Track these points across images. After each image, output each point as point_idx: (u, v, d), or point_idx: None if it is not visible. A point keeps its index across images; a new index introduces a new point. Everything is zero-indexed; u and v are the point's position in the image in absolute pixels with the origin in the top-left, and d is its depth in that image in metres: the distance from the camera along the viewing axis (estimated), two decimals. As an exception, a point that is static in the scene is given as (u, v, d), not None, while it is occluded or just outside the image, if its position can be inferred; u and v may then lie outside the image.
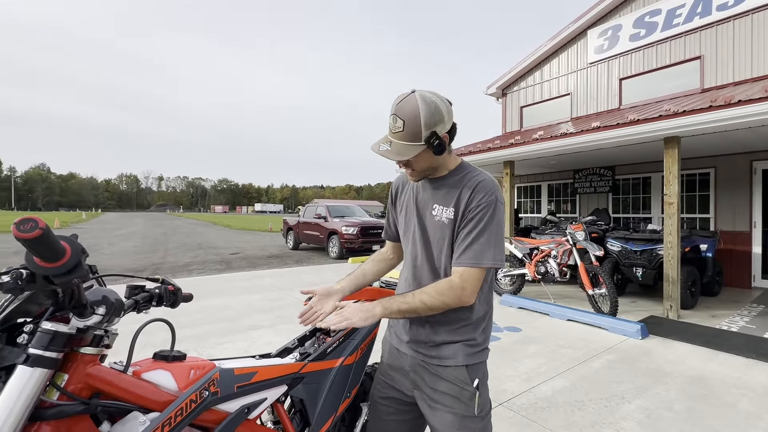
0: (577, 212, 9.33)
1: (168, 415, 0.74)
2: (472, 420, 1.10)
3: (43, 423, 0.67)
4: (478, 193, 1.10)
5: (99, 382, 0.74)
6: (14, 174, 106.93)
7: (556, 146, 5.83)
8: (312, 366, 1.18)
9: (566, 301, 5.45)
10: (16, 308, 0.69)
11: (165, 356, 0.88)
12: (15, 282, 0.65)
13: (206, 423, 0.87)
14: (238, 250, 12.59)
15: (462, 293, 1.06)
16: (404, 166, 1.14)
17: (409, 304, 1.06)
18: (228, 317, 4.67)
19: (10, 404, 0.62)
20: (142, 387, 0.78)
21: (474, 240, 1.07)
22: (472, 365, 1.13)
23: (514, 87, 10.76)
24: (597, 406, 2.62)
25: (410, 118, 1.04)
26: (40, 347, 0.66)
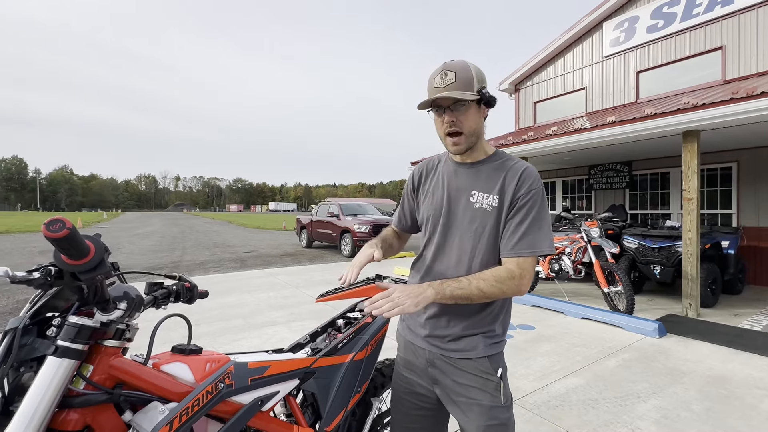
0: (592, 209, 9.17)
1: (185, 405, 0.77)
2: (500, 410, 1.08)
3: (71, 410, 0.72)
4: (527, 180, 1.08)
5: (121, 373, 0.78)
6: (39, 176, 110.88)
7: (570, 142, 5.73)
8: (323, 361, 1.20)
9: (581, 299, 5.38)
10: (46, 303, 0.74)
11: (182, 350, 0.92)
12: (45, 278, 0.70)
13: (222, 414, 0.91)
14: (252, 248, 12.79)
15: (521, 282, 1.03)
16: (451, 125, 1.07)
17: (464, 290, 1.00)
18: (243, 314, 4.77)
19: (42, 392, 0.67)
20: (161, 378, 0.83)
21: (529, 228, 1.05)
22: (493, 356, 1.11)
23: (527, 82, 10.62)
24: (611, 405, 2.59)
25: (462, 69, 1.04)
26: (68, 339, 0.71)
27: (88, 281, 0.71)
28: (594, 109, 8.99)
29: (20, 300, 5.60)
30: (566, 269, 5.30)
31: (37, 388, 0.67)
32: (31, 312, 0.72)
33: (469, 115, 1.06)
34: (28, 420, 0.66)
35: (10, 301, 5.52)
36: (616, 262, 5.04)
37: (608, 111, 8.22)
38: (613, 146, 6.13)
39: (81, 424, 0.74)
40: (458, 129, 1.07)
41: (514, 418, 1.14)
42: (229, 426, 0.89)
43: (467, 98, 1.03)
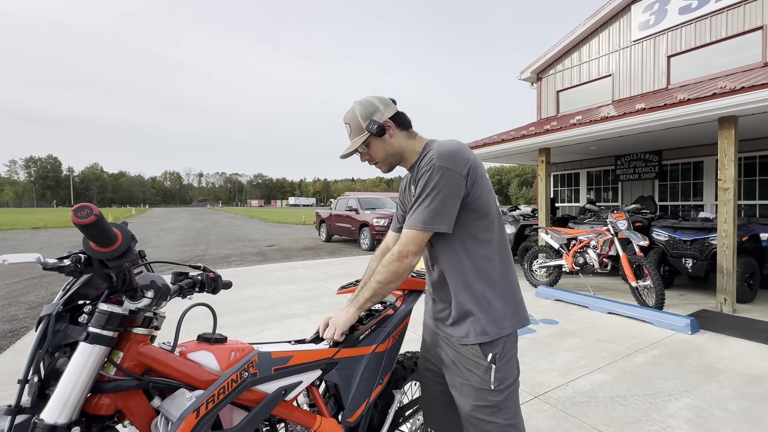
0: (619, 200, 8.85)
1: (211, 392, 0.78)
2: (489, 393, 1.14)
3: (103, 395, 0.74)
4: (422, 166, 1.18)
5: (150, 360, 0.80)
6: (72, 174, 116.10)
7: (596, 131, 5.53)
8: (345, 352, 1.20)
9: (607, 294, 5.21)
10: (77, 291, 0.76)
11: (208, 338, 0.93)
12: (75, 265, 0.72)
13: (246, 402, 0.92)
14: (273, 242, 13.02)
15: (399, 255, 1.14)
16: (368, 161, 1.30)
17: (369, 290, 1.18)
18: (265, 306, 4.86)
19: (75, 376, 0.69)
20: (188, 366, 0.84)
21: (414, 207, 1.16)
22: (485, 343, 1.16)
23: (550, 71, 10.28)
24: (641, 402, 2.50)
25: (351, 119, 1.25)
26: (98, 326, 0.73)
27: (116, 269, 0.73)
28: (621, 97, 8.63)
29: (57, 292, 5.89)
30: (591, 263, 5.14)
31: (70, 373, 0.69)
32: (64, 299, 0.75)
33: (373, 149, 1.25)
34: (63, 403, 0.68)
35: (47, 293, 5.82)
36: (644, 256, 4.85)
37: (636, 98, 7.88)
38: (642, 135, 5.87)
39: (113, 408, 0.76)
40: (374, 160, 1.28)
41: (514, 402, 1.19)
42: (254, 414, 0.89)
43: (357, 144, 1.23)
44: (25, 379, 0.68)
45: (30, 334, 3.97)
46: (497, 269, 1.19)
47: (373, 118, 1.22)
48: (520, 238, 7.31)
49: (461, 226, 1.16)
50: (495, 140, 7.36)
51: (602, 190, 9.35)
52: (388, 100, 1.28)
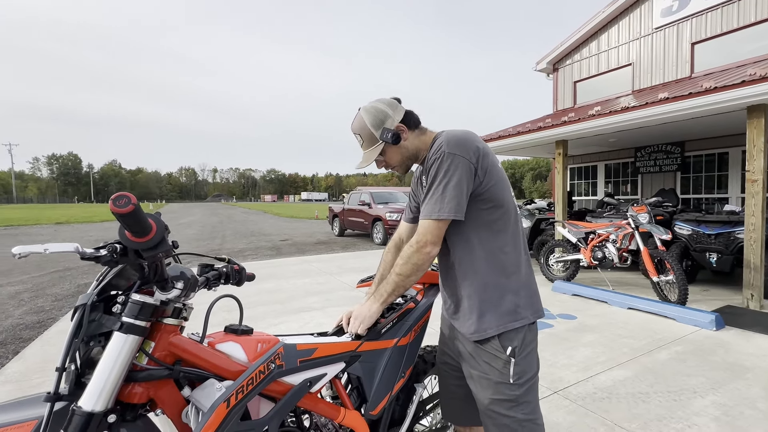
0: (638, 193, 8.63)
1: (241, 383, 0.79)
2: (507, 387, 1.12)
3: (136, 384, 0.75)
4: (430, 156, 1.16)
5: (180, 350, 0.80)
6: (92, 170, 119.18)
7: (616, 122, 5.37)
8: (368, 345, 1.20)
9: (626, 289, 5.10)
10: (109, 282, 0.77)
11: (235, 330, 0.94)
12: (111, 255, 0.73)
13: (273, 393, 0.93)
14: (287, 237, 13.14)
15: (418, 246, 1.12)
16: (386, 167, 1.29)
17: (390, 283, 1.17)
18: (280, 299, 4.92)
19: (110, 365, 0.71)
20: (217, 357, 0.85)
21: (427, 196, 1.14)
22: (504, 333, 1.14)
23: (567, 61, 10.04)
24: (664, 399, 2.44)
25: (362, 129, 1.23)
26: (131, 316, 0.74)
27: (150, 259, 0.73)
28: (642, 87, 8.37)
29: (81, 284, 6.07)
30: (610, 257, 5.04)
31: (106, 362, 0.71)
32: (98, 289, 0.76)
33: (389, 156, 1.24)
34: (100, 391, 0.69)
35: (72, 285, 6.01)
36: (666, 250, 4.72)
37: (658, 87, 7.63)
38: (663, 126, 5.69)
39: (145, 397, 0.77)
40: (390, 165, 1.28)
41: (533, 397, 1.16)
42: (281, 406, 0.90)
43: (374, 156, 1.22)
44: (62, 367, 0.69)
45: (57, 324, 4.11)
46: (512, 260, 1.17)
47: (385, 126, 1.20)
48: (536, 232, 7.21)
49: (475, 216, 1.14)
50: (510, 133, 7.23)
51: (621, 183, 9.13)
52: (394, 102, 1.25)
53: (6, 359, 3.25)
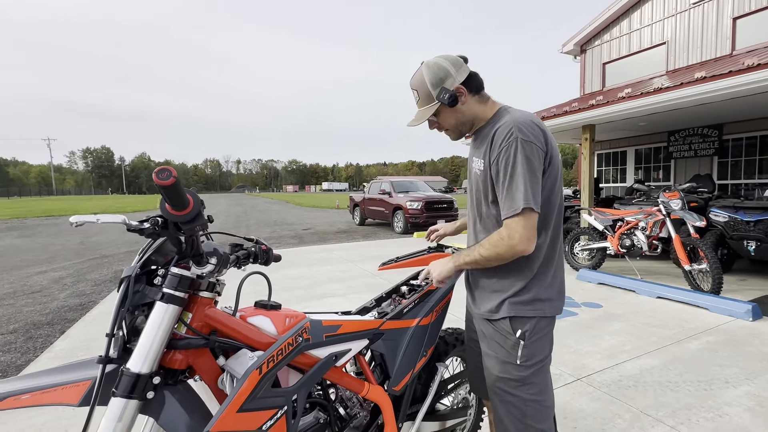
0: (671, 180, 8.26)
1: (271, 353, 0.84)
2: (514, 367, 1.13)
3: (176, 352, 0.82)
4: (497, 140, 1.09)
5: (215, 322, 0.86)
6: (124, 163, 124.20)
7: (647, 104, 5.13)
8: (390, 324, 1.23)
9: (656, 278, 4.94)
10: (150, 257, 0.83)
11: (264, 305, 0.99)
12: (153, 228, 0.78)
13: (301, 365, 0.97)
14: (309, 226, 13.36)
15: (510, 242, 1.06)
16: (438, 129, 1.25)
17: (471, 257, 1.15)
18: (304, 286, 5.04)
19: (154, 332, 0.77)
20: (248, 329, 0.90)
21: (507, 190, 1.07)
22: (516, 317, 1.15)
23: (595, 41, 9.61)
24: (694, 388, 2.38)
25: (420, 85, 1.17)
26: (171, 287, 0.80)
27: (188, 231, 0.78)
28: (677, 67, 7.93)
29: (117, 270, 6.41)
30: (639, 245, 4.87)
31: (149, 329, 0.77)
32: (141, 262, 0.82)
33: (443, 117, 1.20)
34: (145, 355, 0.75)
35: (109, 271, 6.35)
36: (700, 238, 4.52)
37: (695, 67, 7.21)
38: (699, 108, 5.39)
39: (185, 364, 0.83)
40: (443, 128, 1.24)
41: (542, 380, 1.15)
42: (308, 377, 0.94)
43: (427, 115, 1.17)
44: (111, 334, 0.76)
45: (97, 306, 4.38)
46: (545, 255, 1.15)
47: (444, 85, 1.13)
48: (561, 220, 7.04)
49: None
50: (534, 118, 7.04)
51: (652, 169, 8.75)
52: (459, 61, 1.16)
53: (54, 338, 3.50)
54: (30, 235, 11.98)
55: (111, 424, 0.71)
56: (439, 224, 1.62)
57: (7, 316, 4.15)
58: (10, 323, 3.91)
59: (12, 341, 3.45)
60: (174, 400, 0.78)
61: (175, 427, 0.75)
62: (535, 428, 1.12)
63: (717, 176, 7.47)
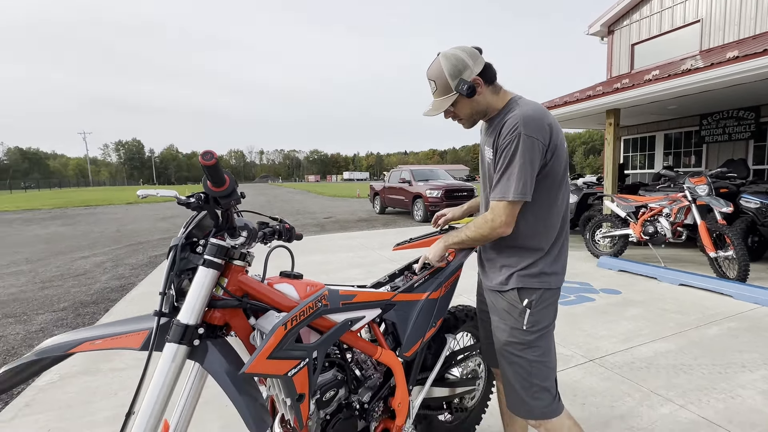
0: (702, 165, 7.94)
1: (294, 314, 0.97)
2: (520, 332, 1.24)
3: (215, 310, 0.97)
4: (504, 131, 1.16)
5: (246, 286, 1.01)
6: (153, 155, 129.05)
7: (676, 87, 4.96)
8: (401, 296, 1.35)
9: (680, 266, 4.84)
10: (192, 229, 0.98)
11: (288, 274, 1.14)
12: (197, 202, 0.94)
13: (320, 327, 1.11)
14: (330, 214, 13.62)
15: (492, 224, 1.17)
16: (453, 118, 1.30)
17: (458, 237, 1.28)
18: (326, 270, 5.24)
19: (198, 291, 0.92)
20: (275, 293, 1.04)
21: (500, 177, 1.16)
22: (523, 288, 1.24)
23: (624, 21, 9.22)
24: (708, 371, 2.40)
25: (438, 75, 1.21)
26: (211, 255, 0.95)
27: (225, 205, 0.93)
28: (711, 46, 7.54)
29: (152, 256, 6.82)
30: (663, 232, 4.78)
31: (194, 288, 0.92)
32: (185, 233, 0.97)
33: (459, 107, 1.24)
34: (192, 310, 0.90)
35: (145, 257, 6.77)
36: (727, 224, 4.39)
37: (732, 45, 6.84)
38: (734, 89, 5.16)
39: (222, 321, 0.98)
40: (458, 117, 1.29)
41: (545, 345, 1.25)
42: (326, 337, 1.08)
43: (445, 106, 1.22)
44: (163, 292, 0.91)
45: (136, 288, 4.72)
46: (552, 233, 1.24)
47: (462, 76, 1.17)
48: (583, 207, 6.93)
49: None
50: (557, 103, 6.90)
51: (682, 154, 8.42)
52: (475, 53, 1.21)
53: (99, 315, 3.83)
54: (71, 223, 12.80)
55: (165, 364, 0.88)
56: (446, 210, 1.71)
57: (57, 295, 4.55)
58: (60, 302, 4.29)
59: (63, 317, 3.80)
60: (215, 349, 0.93)
61: (217, 370, 0.90)
62: (539, 386, 1.23)
63: (753, 161, 7.13)
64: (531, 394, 1.23)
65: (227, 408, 2.12)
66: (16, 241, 9.15)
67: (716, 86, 4.77)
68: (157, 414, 0.86)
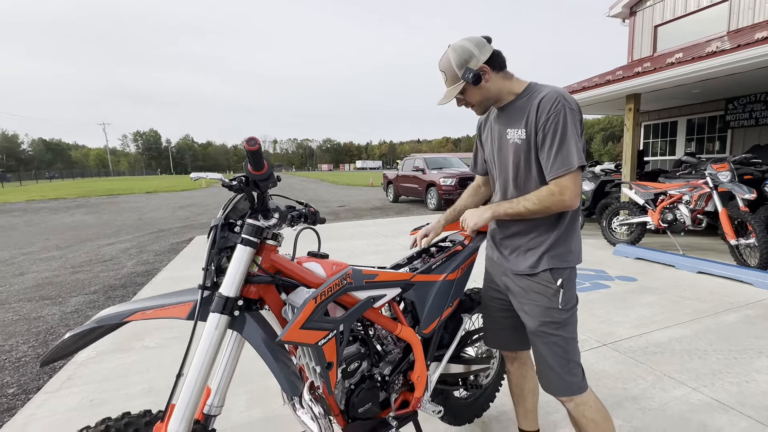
0: (727, 151, 7.70)
1: (321, 290, 1.05)
2: (557, 311, 1.27)
3: (251, 286, 1.05)
4: (545, 107, 1.18)
5: (278, 264, 1.09)
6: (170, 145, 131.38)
7: (700, 70, 4.81)
8: (420, 277, 1.42)
9: (700, 254, 4.77)
10: (230, 212, 1.06)
11: (315, 254, 1.22)
12: (239, 184, 1.02)
13: (345, 303, 1.19)
14: (344, 203, 13.74)
15: (561, 197, 1.18)
16: (465, 105, 1.34)
17: (514, 209, 1.25)
18: (341, 257, 5.34)
19: (236, 267, 1.01)
20: (304, 271, 1.12)
21: (557, 150, 1.17)
22: (555, 269, 1.27)
23: (647, 2, 8.88)
24: (723, 356, 2.41)
25: (447, 66, 1.27)
26: (248, 234, 1.02)
27: (264, 188, 1.00)
28: (740, 26, 7.23)
29: (174, 243, 7.06)
30: (682, 219, 4.70)
31: (233, 264, 1.00)
32: (224, 214, 1.05)
33: (469, 94, 1.28)
34: (231, 284, 0.99)
35: (167, 243, 7.01)
36: (751, 212, 4.30)
37: (762, 25, 6.55)
38: (763, 71, 4.97)
39: (257, 295, 1.07)
40: (470, 104, 1.33)
41: (575, 321, 1.31)
42: (351, 312, 1.16)
43: (454, 94, 1.27)
44: (206, 268, 1.00)
45: (161, 273, 4.93)
46: (575, 212, 1.30)
47: (468, 65, 1.22)
48: (600, 195, 6.84)
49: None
50: (575, 88, 6.77)
51: (706, 140, 8.17)
52: (482, 41, 1.26)
53: (128, 298, 4.03)
54: (95, 212, 13.26)
55: (210, 332, 0.97)
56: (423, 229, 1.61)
57: (87, 280, 4.79)
58: (90, 286, 4.52)
59: (95, 300, 4.02)
60: (252, 320, 1.02)
61: (255, 338, 0.99)
62: (575, 361, 1.30)
63: (781, 146, 6.88)
64: (569, 371, 1.28)
65: (253, 383, 2.25)
66: (46, 229, 9.58)
67: (744, 69, 4.61)
68: (203, 376, 0.95)
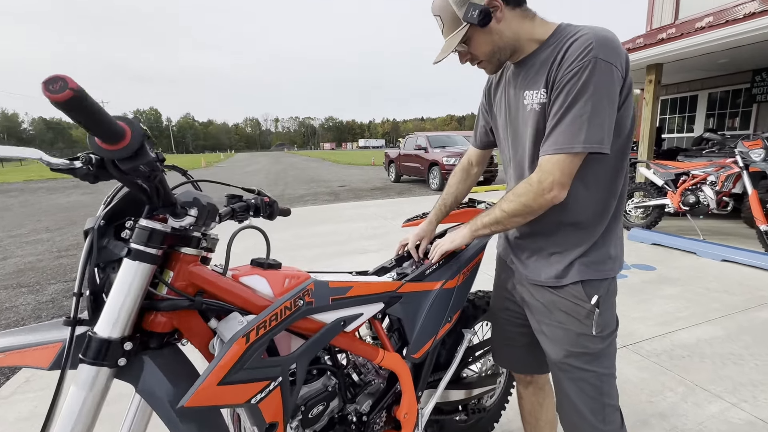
0: (751, 127, 7.19)
1: (263, 318, 0.73)
2: (590, 339, 0.95)
3: (158, 313, 0.73)
4: (570, 56, 0.82)
5: (201, 281, 0.76)
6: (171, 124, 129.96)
7: (735, 34, 4.31)
8: (409, 286, 1.10)
9: (723, 240, 4.41)
10: (122, 208, 0.72)
11: (261, 263, 0.88)
12: (86, 167, 0.61)
13: (304, 330, 0.88)
14: (344, 183, 13.36)
15: (540, 187, 0.86)
16: (471, 62, 0.98)
17: (491, 216, 0.96)
18: (337, 242, 5.05)
19: (123, 293, 0.68)
20: (239, 289, 0.80)
21: (559, 119, 0.83)
22: (589, 281, 0.95)
23: (671, -37, 8.14)
24: (763, 362, 2.11)
25: (443, 8, 0.91)
26: (140, 243, 0.69)
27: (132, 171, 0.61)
28: (774, -12, 6.57)
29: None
30: (706, 202, 4.33)
31: (117, 289, 0.68)
32: (104, 212, 0.71)
33: (475, 44, 0.93)
34: (115, 318, 0.67)
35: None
36: (783, 194, 3.92)
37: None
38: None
39: (169, 326, 0.75)
40: (477, 59, 0.96)
41: (614, 350, 0.99)
42: (310, 344, 0.85)
43: (455, 43, 0.90)
44: (78, 293, 0.68)
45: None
46: (617, 205, 0.96)
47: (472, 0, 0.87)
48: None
49: None
50: (589, 59, 6.23)
51: (727, 116, 7.65)
52: None
53: (107, 286, 3.78)
54: (92, 192, 12.99)
55: (81, 393, 0.65)
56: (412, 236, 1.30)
57: (70, 265, 4.54)
58: (72, 272, 4.27)
59: (73, 288, 3.77)
60: (154, 366, 0.70)
61: (154, 396, 0.67)
62: (611, 405, 0.98)
63: (811, 122, 6.38)
64: (602, 418, 0.96)
65: None
66: (39, 210, 9.33)
67: (783, 33, 4.11)
68: None
